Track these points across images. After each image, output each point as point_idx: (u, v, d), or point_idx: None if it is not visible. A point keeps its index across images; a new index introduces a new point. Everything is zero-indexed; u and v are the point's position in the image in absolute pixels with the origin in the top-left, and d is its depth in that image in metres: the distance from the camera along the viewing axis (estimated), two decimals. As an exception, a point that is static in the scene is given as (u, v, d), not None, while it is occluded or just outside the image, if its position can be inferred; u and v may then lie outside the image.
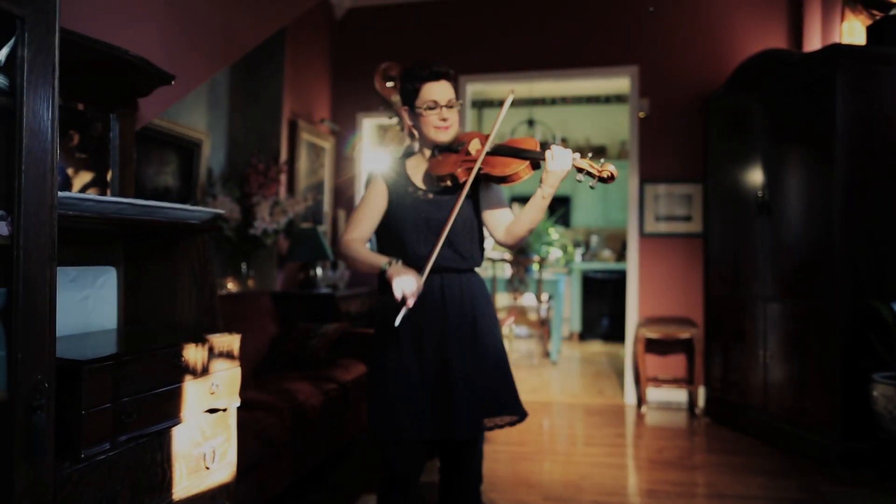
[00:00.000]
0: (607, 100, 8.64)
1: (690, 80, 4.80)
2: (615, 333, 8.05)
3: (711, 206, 4.54)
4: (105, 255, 1.75)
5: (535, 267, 6.60)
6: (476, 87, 5.47)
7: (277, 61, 4.51)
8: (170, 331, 1.78)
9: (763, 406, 3.88)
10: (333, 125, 5.28)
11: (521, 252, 6.67)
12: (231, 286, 4.27)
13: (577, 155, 1.82)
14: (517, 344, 7.79)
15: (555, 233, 7.39)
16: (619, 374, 5.89)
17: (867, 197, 3.42)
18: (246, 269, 4.31)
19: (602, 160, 1.81)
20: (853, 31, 4.11)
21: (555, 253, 7.72)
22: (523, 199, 8.58)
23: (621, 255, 8.47)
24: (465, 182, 1.90)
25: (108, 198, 1.36)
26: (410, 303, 1.76)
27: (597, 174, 1.77)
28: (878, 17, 3.87)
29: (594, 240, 8.63)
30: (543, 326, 6.59)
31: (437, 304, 1.95)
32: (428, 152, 2.04)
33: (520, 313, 6.38)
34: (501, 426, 1.96)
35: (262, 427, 2.63)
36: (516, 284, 6.18)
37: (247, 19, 2.37)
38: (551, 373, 6.13)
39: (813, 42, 4.47)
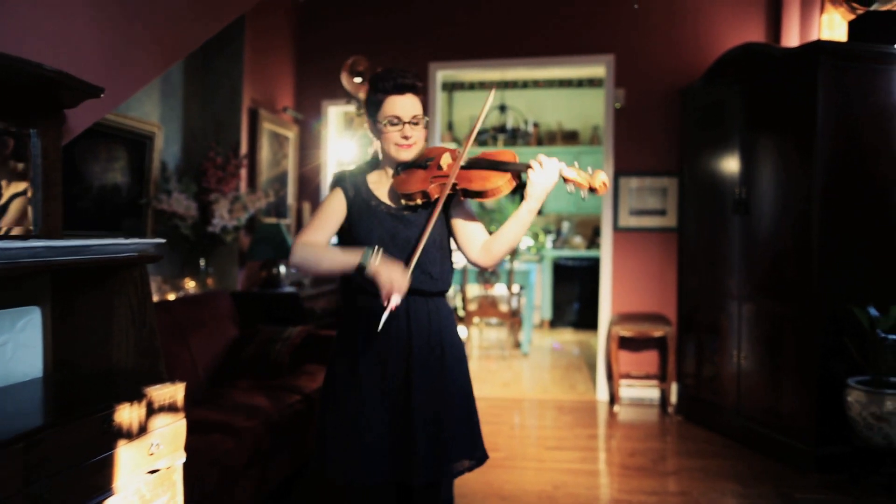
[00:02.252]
0: (580, 83, 8.49)
1: (667, 71, 4.68)
2: (586, 321, 8.02)
3: (687, 201, 4.46)
4: (27, 293, 1.54)
5: (507, 257, 6.49)
6: (446, 73, 5.27)
7: (236, 47, 4.23)
8: (104, 379, 1.58)
9: (737, 407, 3.84)
10: (297, 114, 5.03)
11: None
12: (189, 285, 4.05)
13: (564, 164, 1.68)
14: (487, 333, 7.70)
15: (526, 221, 7.25)
16: (591, 367, 5.85)
17: (846, 198, 3.35)
18: (205, 267, 4.09)
19: (590, 169, 1.66)
20: (833, 23, 4.02)
21: (526, 241, 7.62)
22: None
23: (592, 242, 8.41)
24: (437, 198, 1.74)
25: (17, 244, 1.16)
26: (396, 302, 1.61)
27: (587, 184, 1.63)
28: (858, 10, 3.78)
29: (565, 226, 8.55)
30: (514, 317, 6.50)
31: (402, 332, 1.80)
32: (391, 170, 1.87)
33: (490, 304, 6.27)
34: (461, 472, 1.83)
35: (219, 453, 2.46)
36: (487, 275, 6.06)
37: (199, 10, 2.14)
38: (522, 365, 6.06)
39: (791, 34, 4.37)
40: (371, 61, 2.79)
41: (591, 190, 1.64)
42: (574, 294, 8.19)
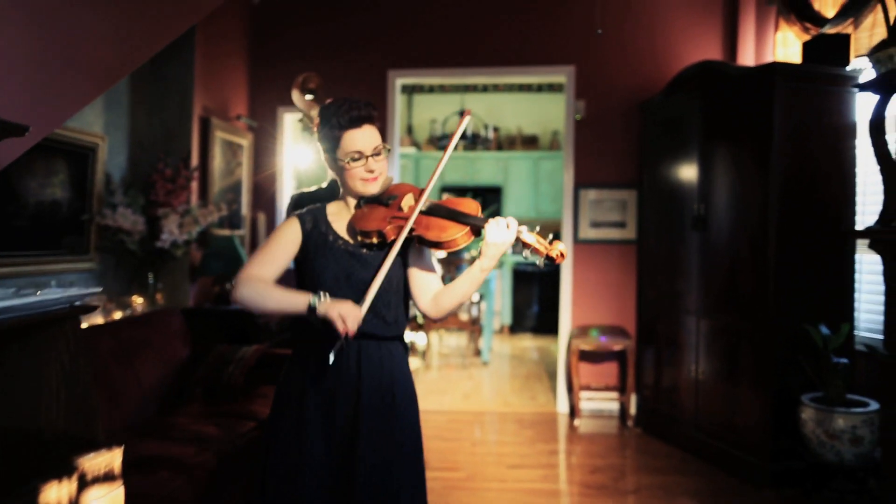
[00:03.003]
0: (540, 88, 8.50)
1: (627, 84, 4.69)
2: (545, 326, 8.05)
3: (646, 214, 4.48)
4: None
5: (467, 266, 6.44)
6: (404, 80, 5.18)
7: (186, 53, 4.05)
8: (30, 448, 1.44)
9: (694, 421, 3.88)
10: (251, 121, 4.86)
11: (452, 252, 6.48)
12: (137, 302, 3.87)
13: (524, 228, 1.62)
14: (447, 339, 7.65)
15: (487, 227, 7.22)
16: (551, 376, 5.86)
17: (801, 218, 3.41)
18: (154, 283, 3.91)
19: (551, 236, 1.62)
20: (787, 41, 4.09)
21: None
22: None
23: (552, 247, 8.44)
24: (394, 241, 1.67)
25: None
26: (352, 332, 1.54)
27: (544, 252, 1.58)
28: (811, 30, 3.85)
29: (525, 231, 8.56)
30: (475, 325, 6.47)
31: (352, 377, 1.72)
32: (352, 201, 1.80)
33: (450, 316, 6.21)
34: None
35: (166, 492, 2.33)
36: (447, 281, 5.99)
37: (142, 27, 2.00)
38: (482, 374, 6.02)
39: (747, 51, 4.44)
40: (321, 78, 2.68)
41: (549, 258, 1.59)
42: (533, 299, 8.22)
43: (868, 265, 3.52)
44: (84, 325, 3.36)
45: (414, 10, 4.90)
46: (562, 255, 1.58)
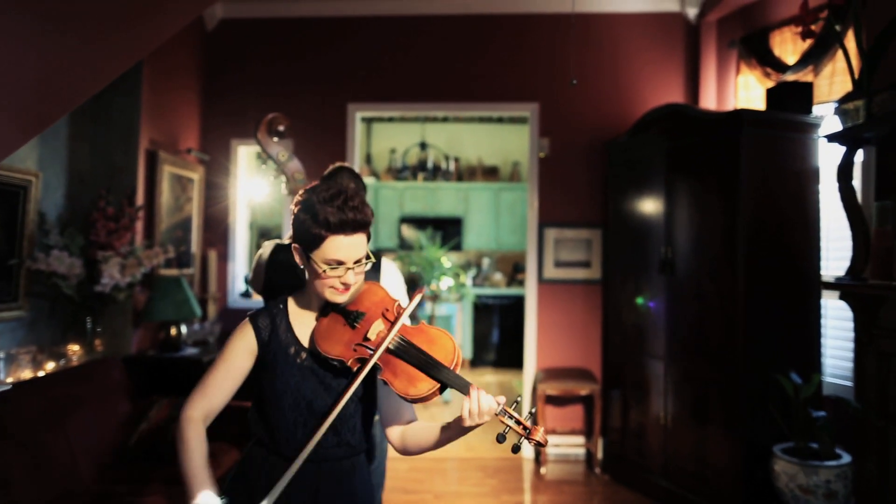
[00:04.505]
0: (500, 120, 8.48)
1: (592, 123, 4.66)
2: (506, 360, 7.93)
3: (612, 254, 4.42)
4: None
5: (427, 302, 6.28)
6: (364, 114, 5.03)
7: (133, 84, 3.81)
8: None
9: (663, 470, 3.79)
10: (203, 155, 4.63)
11: (412, 285, 6.31)
12: (73, 351, 3.55)
13: (502, 405, 1.41)
14: (407, 375, 7.42)
15: (447, 261, 7.10)
16: (514, 416, 5.70)
17: (767, 265, 3.38)
18: (92, 328, 3.61)
19: (531, 413, 1.43)
20: (748, 85, 4.12)
21: (447, 282, 7.46)
22: (417, 219, 8.24)
23: (513, 279, 8.36)
24: (357, 371, 1.46)
25: None
26: None
27: (522, 435, 1.41)
28: (772, 76, 3.89)
29: (486, 262, 8.46)
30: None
31: (309, 495, 1.52)
32: (316, 301, 1.57)
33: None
34: None
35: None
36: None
37: (78, 69, 1.80)
38: (444, 415, 5.83)
39: (709, 93, 4.47)
40: (290, 120, 2.51)
41: (529, 439, 1.41)
42: (493, 331, 8.10)
43: (833, 310, 3.52)
44: (10, 381, 3.06)
45: (376, 44, 4.78)
46: (542, 444, 1.41)
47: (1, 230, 3.07)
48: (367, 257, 1.50)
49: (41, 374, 3.16)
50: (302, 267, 1.53)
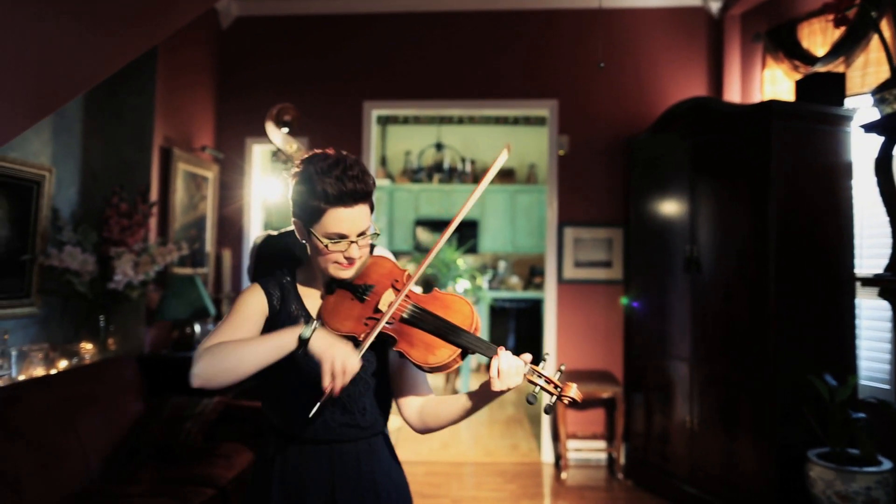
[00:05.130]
0: (516, 121, 8.40)
1: (612, 120, 4.56)
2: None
3: (633, 254, 4.30)
4: None
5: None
6: (381, 112, 4.96)
7: (145, 80, 3.77)
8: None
9: (689, 476, 3.65)
10: (217, 153, 4.58)
11: (426, 285, 6.22)
12: (86, 349, 3.50)
13: (528, 363, 1.31)
14: (422, 379, 7.33)
15: (463, 263, 7.00)
16: (532, 421, 5.59)
17: (799, 262, 3.25)
18: (105, 326, 3.56)
19: (560, 371, 1.32)
20: (775, 79, 4.00)
21: (463, 284, 7.36)
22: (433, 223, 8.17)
23: (529, 283, 8.25)
24: (366, 336, 1.35)
25: None
26: (339, 387, 1.24)
27: (554, 394, 1.30)
28: (800, 68, 3.76)
29: (502, 265, 8.36)
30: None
31: (325, 479, 1.42)
32: (322, 279, 1.47)
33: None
34: None
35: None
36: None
37: (85, 52, 1.73)
38: (461, 419, 5.71)
39: (733, 89, 4.35)
40: (299, 111, 2.43)
41: (560, 399, 1.30)
42: (510, 335, 7.98)
43: (869, 311, 3.37)
44: (22, 378, 3.00)
45: (392, 42, 4.72)
46: (575, 400, 1.30)
47: (14, 225, 3.03)
48: (372, 230, 1.41)
49: (53, 372, 3.10)
50: (303, 241, 1.44)
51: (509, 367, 1.28)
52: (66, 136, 3.44)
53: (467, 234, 8.19)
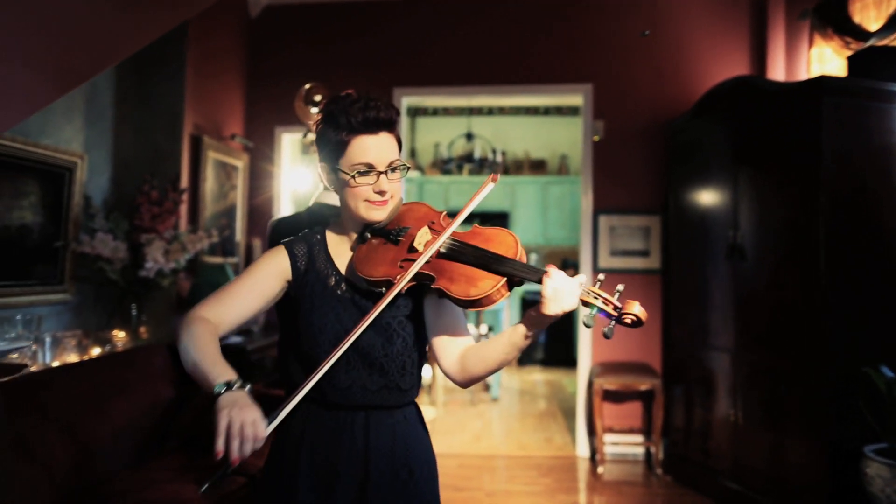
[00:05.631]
0: (547, 111, 8.26)
1: (649, 103, 4.40)
2: (554, 358, 7.69)
3: (672, 242, 4.15)
4: None
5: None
6: (411, 100, 4.89)
7: (176, 68, 3.75)
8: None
9: (734, 472, 3.50)
10: (246, 141, 4.55)
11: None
12: (119, 337, 3.50)
13: (584, 282, 1.20)
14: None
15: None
16: (566, 414, 5.47)
17: (852, 246, 3.08)
18: (137, 315, 3.55)
19: (618, 292, 1.20)
20: (823, 57, 3.81)
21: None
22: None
23: (561, 275, 8.10)
24: (398, 288, 1.27)
25: None
26: (235, 453, 1.06)
27: (614, 314, 1.18)
28: (852, 45, 3.57)
29: (533, 258, 8.23)
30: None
31: (357, 452, 1.35)
32: (354, 230, 1.41)
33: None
34: None
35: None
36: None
37: (116, 24, 1.69)
38: (493, 412, 5.63)
39: (777, 68, 4.16)
40: (330, 90, 2.36)
41: (621, 322, 1.18)
42: (542, 332, 7.85)
43: (927, 299, 3.18)
44: (56, 364, 3.01)
45: (422, 27, 4.64)
46: (638, 319, 1.17)
47: (47, 212, 3.03)
48: (403, 165, 1.34)
49: (86, 358, 3.10)
50: (332, 188, 1.37)
51: (563, 286, 1.18)
52: (98, 123, 3.44)
53: (495, 224, 8.08)
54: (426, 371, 6.23)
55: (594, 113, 4.49)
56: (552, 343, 7.76)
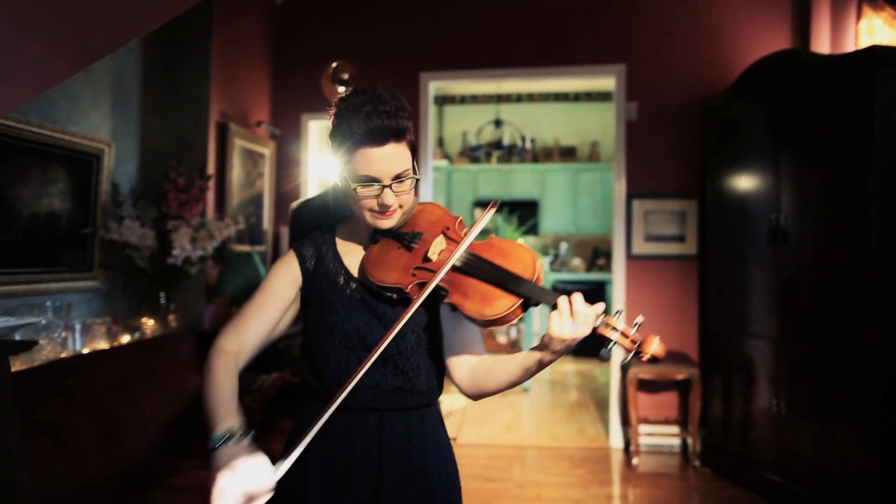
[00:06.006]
0: (577, 97, 8.09)
1: (685, 82, 4.24)
2: (584, 348, 7.52)
3: (710, 226, 4.00)
4: None
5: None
6: (438, 84, 4.80)
7: (201, 55, 3.72)
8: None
9: (777, 464, 3.36)
10: (273, 129, 4.52)
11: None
12: (148, 325, 3.50)
13: (601, 314, 1.12)
14: (483, 362, 7.18)
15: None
16: (599, 405, 5.35)
17: (906, 227, 2.90)
18: (166, 303, 3.55)
19: (637, 324, 1.11)
20: (873, 30, 3.61)
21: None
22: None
23: (592, 265, 7.95)
24: (412, 300, 1.22)
25: None
26: None
27: (629, 349, 1.10)
28: (904, 15, 3.37)
29: (563, 247, 8.09)
30: (513, 349, 6.00)
31: (370, 455, 1.28)
32: (364, 229, 1.35)
33: (487, 336, 5.77)
34: None
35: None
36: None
37: (125, 4, 1.64)
38: (523, 402, 5.54)
39: (822, 43, 3.96)
40: (356, 69, 2.28)
41: (639, 356, 1.10)
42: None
43: None
44: (86, 351, 3.01)
45: (448, 10, 4.54)
46: (656, 357, 1.09)
47: (75, 199, 3.03)
48: (413, 172, 1.26)
49: (115, 345, 3.10)
50: (343, 188, 1.31)
51: (578, 313, 1.10)
52: (125, 111, 3.43)
53: (528, 215, 7.96)
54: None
55: (627, 94, 4.34)
56: (583, 333, 7.61)
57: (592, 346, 1.10)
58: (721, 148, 3.88)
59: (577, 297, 1.13)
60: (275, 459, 2.63)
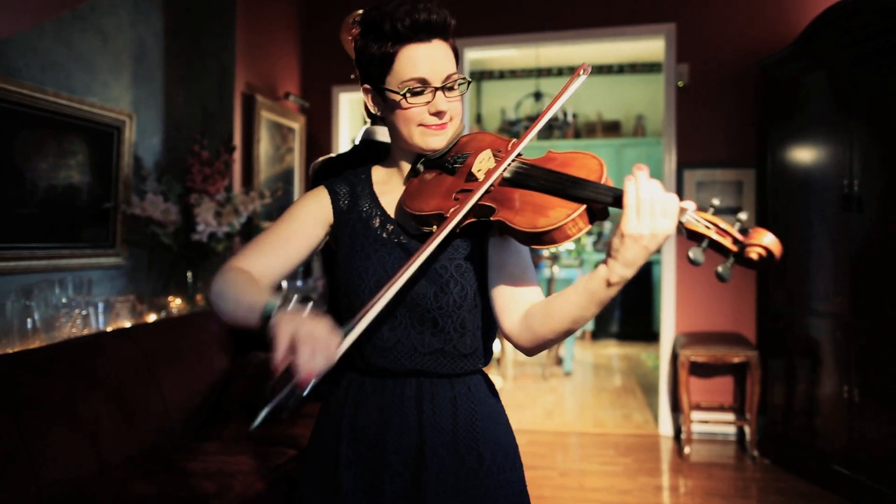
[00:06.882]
0: (621, 69, 7.71)
1: (741, 41, 3.90)
2: (629, 332, 7.26)
3: (770, 197, 3.67)
4: None
5: (547, 264, 5.76)
6: (474, 55, 4.55)
7: (226, 22, 3.58)
8: None
9: (846, 456, 3.05)
10: (301, 101, 4.36)
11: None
12: (174, 304, 3.40)
13: (691, 206, 0.87)
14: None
15: (565, 222, 6.52)
16: (646, 390, 5.08)
17: None
18: (192, 281, 3.45)
19: (739, 219, 0.84)
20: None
21: (566, 245, 6.87)
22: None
23: (637, 244, 7.62)
24: (454, 212, 1.00)
25: None
26: (304, 382, 0.81)
27: (733, 248, 0.83)
28: None
29: (607, 226, 7.78)
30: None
31: (409, 432, 1.08)
32: (406, 164, 1.15)
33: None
34: None
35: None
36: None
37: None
38: (565, 387, 5.31)
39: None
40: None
41: (741, 260, 0.83)
42: (616, 302, 7.42)
43: None
44: (109, 329, 2.92)
45: (484, -30, 4.28)
46: (766, 251, 0.80)
47: (95, 172, 2.92)
48: (463, 80, 1.09)
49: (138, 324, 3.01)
50: (379, 114, 1.13)
51: (654, 198, 0.86)
52: (147, 83, 3.31)
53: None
54: (496, 345, 5.97)
55: (677, 56, 4.02)
56: (628, 316, 7.32)
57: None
58: (782, 110, 3.54)
59: (654, 182, 0.88)
60: (301, 446, 2.44)
